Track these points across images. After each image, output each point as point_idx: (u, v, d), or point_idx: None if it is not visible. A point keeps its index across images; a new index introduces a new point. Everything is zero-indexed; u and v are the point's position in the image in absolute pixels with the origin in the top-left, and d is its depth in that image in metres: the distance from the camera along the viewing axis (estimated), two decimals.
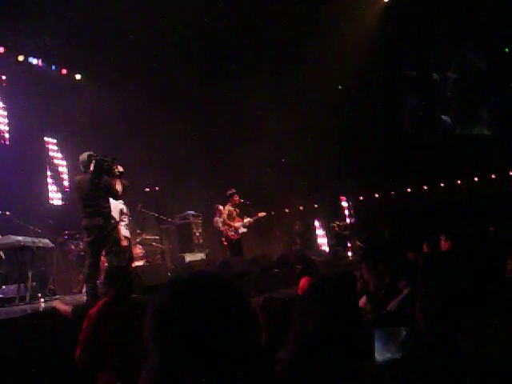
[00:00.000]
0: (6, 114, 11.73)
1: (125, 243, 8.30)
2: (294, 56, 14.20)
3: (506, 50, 14.96)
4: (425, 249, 6.05)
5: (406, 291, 3.07)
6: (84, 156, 7.04)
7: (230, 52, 13.77)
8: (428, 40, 16.09)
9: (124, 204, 8.97)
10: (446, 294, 1.68)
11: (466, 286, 1.68)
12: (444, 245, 5.42)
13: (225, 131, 14.72)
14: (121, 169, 7.79)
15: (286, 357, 1.85)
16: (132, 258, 9.17)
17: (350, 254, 13.92)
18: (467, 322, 1.59)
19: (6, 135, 11.67)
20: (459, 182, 15.64)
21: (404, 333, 1.76)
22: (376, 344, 1.75)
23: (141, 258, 10.43)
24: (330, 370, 1.78)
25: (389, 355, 1.72)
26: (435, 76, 16.55)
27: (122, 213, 8.78)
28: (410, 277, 3.11)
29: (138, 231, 11.19)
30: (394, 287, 3.18)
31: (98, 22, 11.03)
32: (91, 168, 6.83)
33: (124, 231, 8.71)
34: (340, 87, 15.20)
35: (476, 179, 15.45)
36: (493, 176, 15.25)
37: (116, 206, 8.35)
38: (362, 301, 3.30)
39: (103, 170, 6.93)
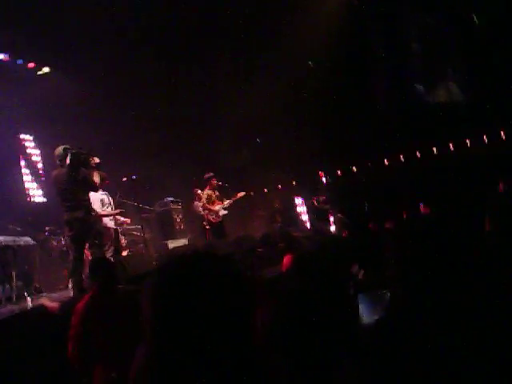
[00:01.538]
0: None
1: (110, 233, 8.29)
2: (263, 33, 14.06)
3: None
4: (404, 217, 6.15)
5: (361, 274, 3.10)
6: (59, 150, 6.97)
7: (195, 33, 13.54)
8: (394, 12, 16.09)
9: (106, 194, 8.90)
10: (423, 255, 1.72)
11: (444, 247, 1.72)
12: (424, 211, 5.51)
13: (198, 114, 14.65)
14: (97, 160, 7.77)
15: (274, 328, 1.88)
16: (120, 249, 9.16)
17: (332, 228, 14.00)
18: (446, 280, 1.63)
19: None
20: (435, 149, 15.76)
21: (388, 295, 1.80)
22: (362, 307, 1.78)
23: (124, 249, 10.40)
24: (318, 343, 1.82)
25: (376, 317, 1.76)
26: (405, 48, 16.60)
27: (103, 203, 8.71)
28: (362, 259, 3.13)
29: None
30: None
31: (63, 14, 10.84)
32: (67, 161, 6.78)
33: (108, 222, 8.67)
34: (310, 63, 15.14)
35: (451, 146, 15.58)
36: (467, 141, 15.37)
37: (96, 197, 8.31)
38: (355, 269, 3.33)
39: (80, 163, 6.89)
